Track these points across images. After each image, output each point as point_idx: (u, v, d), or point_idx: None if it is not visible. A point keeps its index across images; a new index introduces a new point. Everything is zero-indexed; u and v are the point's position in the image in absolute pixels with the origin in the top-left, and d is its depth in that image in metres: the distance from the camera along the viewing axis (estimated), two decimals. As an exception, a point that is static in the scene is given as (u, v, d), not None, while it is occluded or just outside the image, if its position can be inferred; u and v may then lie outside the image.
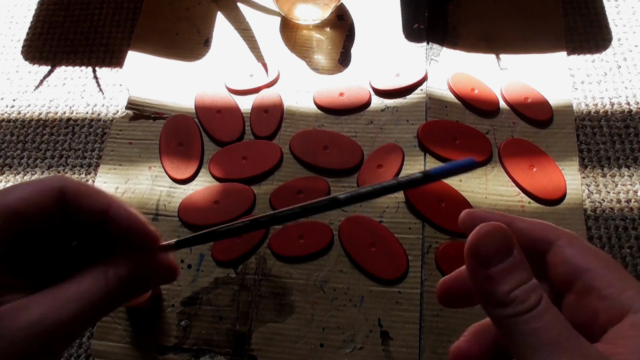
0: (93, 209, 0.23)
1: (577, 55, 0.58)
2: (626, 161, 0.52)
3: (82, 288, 0.22)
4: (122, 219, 0.23)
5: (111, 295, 0.22)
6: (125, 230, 0.23)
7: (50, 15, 0.64)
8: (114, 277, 0.23)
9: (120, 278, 0.23)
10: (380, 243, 0.49)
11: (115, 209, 0.23)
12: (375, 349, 0.45)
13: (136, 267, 0.24)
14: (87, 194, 0.23)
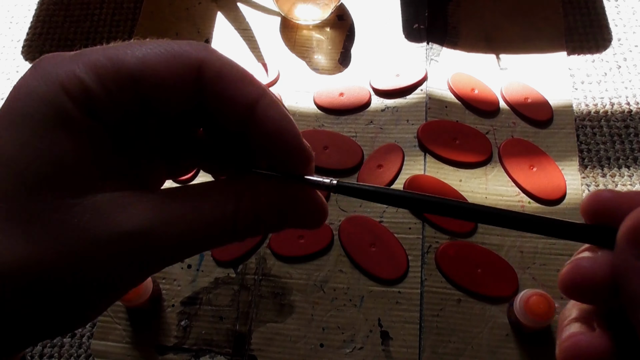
0: (237, 101, 0.18)
1: (577, 55, 0.58)
2: (626, 161, 0.52)
3: (205, 208, 0.17)
4: (272, 122, 0.18)
5: (238, 228, 0.18)
6: (272, 138, 0.18)
7: (50, 15, 0.64)
8: (249, 206, 0.18)
9: (257, 209, 0.18)
10: (380, 243, 0.49)
11: (265, 106, 0.18)
12: (375, 349, 0.45)
13: (281, 199, 0.19)
14: (232, 77, 0.18)
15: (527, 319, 0.42)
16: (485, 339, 0.45)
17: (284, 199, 0.19)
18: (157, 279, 0.48)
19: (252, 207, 0.18)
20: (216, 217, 0.18)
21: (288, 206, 0.19)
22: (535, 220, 0.19)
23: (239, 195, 0.18)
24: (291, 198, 0.19)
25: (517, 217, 0.20)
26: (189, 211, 0.17)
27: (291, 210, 0.19)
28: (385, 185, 0.51)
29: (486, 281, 0.47)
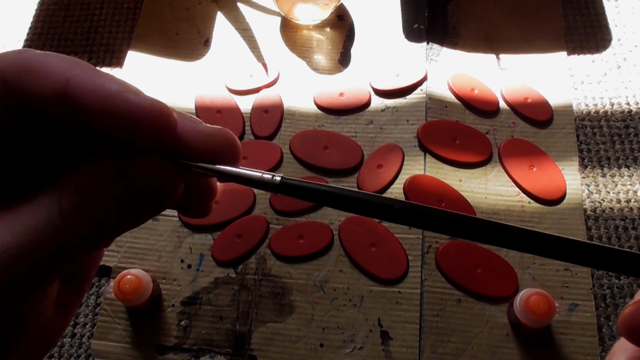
0: (44, 91, 0.15)
1: (577, 55, 0.58)
2: (626, 161, 0.52)
3: (26, 217, 0.15)
4: (86, 97, 0.15)
5: (70, 230, 0.15)
6: (92, 111, 0.15)
7: (50, 15, 0.64)
8: (70, 201, 0.15)
9: (78, 204, 0.15)
10: (380, 243, 0.49)
11: (77, 84, 0.15)
12: (375, 349, 0.45)
13: (106, 184, 0.15)
14: (33, 70, 0.15)
15: (527, 319, 0.42)
16: (485, 339, 0.45)
17: (115, 184, 0.16)
18: (157, 279, 0.48)
19: (79, 203, 0.15)
20: (39, 223, 0.15)
21: (126, 192, 0.16)
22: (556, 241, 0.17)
23: (61, 193, 0.15)
24: (120, 175, 0.16)
25: (518, 233, 0.17)
26: (13, 223, 0.15)
27: (129, 197, 0.16)
28: (385, 185, 0.51)
29: (486, 281, 0.47)
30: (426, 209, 0.17)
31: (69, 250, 0.15)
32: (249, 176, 0.18)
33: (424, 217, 0.17)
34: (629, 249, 0.48)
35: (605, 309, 0.46)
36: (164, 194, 0.16)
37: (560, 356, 0.44)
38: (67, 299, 0.19)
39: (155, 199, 0.16)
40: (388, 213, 0.17)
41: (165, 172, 0.16)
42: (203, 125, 0.17)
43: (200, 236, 0.50)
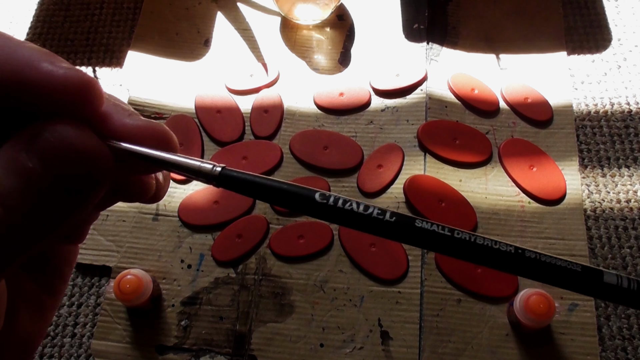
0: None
1: (577, 55, 0.58)
2: (626, 161, 0.52)
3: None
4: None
5: None
6: (6, 88, 0.13)
7: (50, 15, 0.64)
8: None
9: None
10: (380, 243, 0.49)
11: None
12: (375, 349, 0.45)
13: (15, 165, 0.13)
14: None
15: (527, 319, 0.42)
16: (485, 339, 0.45)
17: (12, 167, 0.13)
18: (157, 279, 0.48)
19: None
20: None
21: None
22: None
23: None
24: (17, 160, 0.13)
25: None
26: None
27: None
28: (385, 185, 0.51)
29: (486, 281, 0.47)
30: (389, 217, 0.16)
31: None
32: (186, 164, 0.16)
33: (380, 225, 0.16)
34: (629, 249, 0.48)
35: (605, 309, 0.46)
36: (92, 173, 0.14)
37: (560, 356, 0.44)
38: (42, 302, 0.18)
39: (81, 182, 0.14)
40: (327, 213, 0.16)
41: (87, 142, 0.14)
42: (136, 115, 0.16)
43: (200, 236, 0.50)
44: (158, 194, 0.18)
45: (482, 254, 0.16)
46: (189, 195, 0.52)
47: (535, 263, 0.16)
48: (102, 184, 0.14)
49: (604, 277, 0.16)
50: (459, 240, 0.16)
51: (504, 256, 0.16)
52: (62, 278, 0.19)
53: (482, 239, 0.16)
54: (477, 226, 0.49)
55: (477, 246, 0.16)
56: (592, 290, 0.16)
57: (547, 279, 0.16)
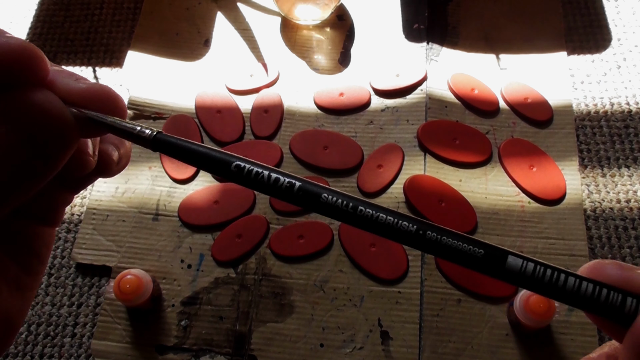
0: None
1: (577, 55, 0.58)
2: (626, 161, 0.52)
3: None
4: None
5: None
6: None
7: (50, 15, 0.64)
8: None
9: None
10: (380, 243, 0.49)
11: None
12: (375, 349, 0.45)
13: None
14: None
15: (527, 319, 0.42)
16: (485, 339, 0.45)
17: None
18: (157, 279, 0.48)
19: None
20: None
21: None
22: None
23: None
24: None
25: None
26: None
27: None
28: (385, 185, 0.51)
29: (486, 281, 0.47)
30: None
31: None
32: (125, 127, 0.17)
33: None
34: (629, 249, 0.49)
35: (605, 309, 0.46)
36: (56, 128, 0.15)
37: (560, 356, 0.44)
38: (21, 281, 0.19)
39: (46, 132, 0.14)
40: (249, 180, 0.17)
41: (51, 105, 0.14)
42: (83, 79, 0.17)
43: (200, 236, 0.50)
44: (116, 168, 0.19)
45: (385, 230, 0.17)
46: (189, 195, 0.52)
47: (435, 244, 0.17)
48: (67, 147, 0.15)
49: (508, 262, 0.16)
50: (362, 217, 0.17)
51: (405, 234, 0.17)
52: (40, 259, 0.20)
53: (385, 216, 0.17)
54: (477, 226, 0.49)
55: (380, 224, 0.17)
56: (497, 275, 0.16)
57: (450, 259, 0.17)
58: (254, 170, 0.17)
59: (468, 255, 0.17)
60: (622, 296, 0.16)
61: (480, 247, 0.17)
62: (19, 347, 0.48)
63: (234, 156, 0.18)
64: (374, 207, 0.17)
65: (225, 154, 0.18)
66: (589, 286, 0.16)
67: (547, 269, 0.16)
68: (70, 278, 0.50)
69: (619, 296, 0.16)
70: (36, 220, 0.20)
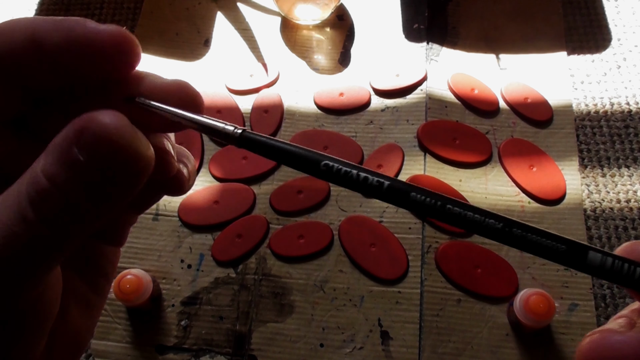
0: (15, 44, 0.15)
1: (577, 55, 0.58)
2: (626, 161, 0.52)
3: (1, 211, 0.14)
4: (51, 34, 0.15)
5: (32, 216, 0.14)
6: (60, 49, 0.15)
7: (50, 15, 0.64)
8: (37, 188, 0.14)
9: (38, 181, 0.14)
10: (380, 243, 0.49)
11: (41, 27, 0.15)
12: (375, 349, 0.45)
13: (66, 160, 0.14)
14: (4, 30, 0.15)
15: (527, 319, 0.42)
16: (485, 339, 0.45)
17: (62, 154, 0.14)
18: (157, 278, 0.48)
19: (46, 188, 0.14)
20: (12, 222, 0.14)
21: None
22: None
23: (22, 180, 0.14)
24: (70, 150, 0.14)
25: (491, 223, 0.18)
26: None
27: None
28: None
29: (486, 281, 0.47)
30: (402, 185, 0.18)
31: (51, 244, 0.14)
32: (210, 125, 0.18)
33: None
34: (629, 249, 0.48)
35: (605, 309, 0.46)
36: (137, 161, 0.14)
37: (560, 356, 0.44)
38: (90, 300, 0.19)
39: (128, 167, 0.14)
40: (350, 181, 0.18)
41: (132, 142, 0.14)
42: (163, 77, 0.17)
43: (200, 236, 0.50)
44: (187, 185, 0.19)
45: (473, 226, 0.18)
46: (189, 195, 0.52)
47: (521, 239, 0.18)
48: (143, 176, 0.15)
49: (588, 257, 0.17)
50: (450, 214, 0.18)
51: (492, 231, 0.18)
52: (107, 278, 0.20)
53: (472, 213, 0.18)
54: (477, 226, 0.49)
55: (468, 220, 0.18)
56: (578, 268, 0.18)
57: (534, 253, 0.18)
58: (342, 169, 0.18)
59: (551, 250, 0.18)
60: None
61: (562, 242, 0.18)
62: (19, 347, 0.48)
63: (321, 154, 0.18)
64: (461, 204, 0.18)
65: (313, 152, 0.18)
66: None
67: (624, 263, 0.17)
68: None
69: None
70: (104, 240, 0.20)
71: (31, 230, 0.14)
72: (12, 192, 0.14)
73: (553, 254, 0.18)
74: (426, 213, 0.18)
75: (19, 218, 0.14)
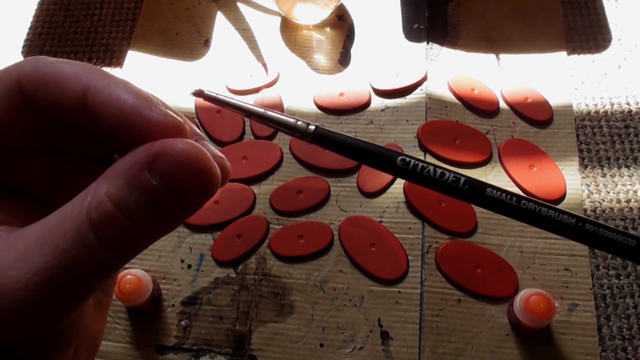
0: (64, 102, 0.15)
1: (577, 55, 0.58)
2: (626, 161, 0.52)
3: (55, 235, 0.14)
4: (104, 109, 0.15)
5: (94, 240, 0.14)
6: (110, 123, 0.15)
7: (50, 15, 0.64)
8: (95, 204, 0.14)
9: (103, 205, 0.14)
10: (380, 243, 0.49)
11: (94, 95, 0.15)
12: (375, 349, 0.45)
13: (132, 179, 0.14)
14: (50, 80, 0.15)
15: (527, 319, 0.42)
16: (485, 339, 0.45)
17: (133, 175, 0.14)
18: (157, 279, 0.48)
19: (112, 212, 0.14)
20: (65, 229, 0.14)
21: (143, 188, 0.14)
22: None
23: (86, 195, 0.14)
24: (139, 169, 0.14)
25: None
26: (37, 235, 0.14)
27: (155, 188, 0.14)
28: (386, 185, 0.51)
29: (486, 281, 0.47)
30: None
31: (107, 266, 0.14)
32: (284, 121, 0.18)
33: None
34: (629, 249, 0.48)
35: (605, 309, 0.46)
36: (205, 183, 0.15)
37: (560, 356, 0.44)
38: (101, 300, 0.19)
39: (194, 189, 0.15)
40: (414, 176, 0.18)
41: (203, 163, 0.15)
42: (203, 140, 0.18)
43: (200, 236, 0.50)
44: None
45: (546, 223, 0.18)
46: (189, 195, 0.52)
47: (592, 235, 0.18)
48: (210, 197, 0.16)
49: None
50: (524, 210, 0.18)
51: (565, 227, 0.18)
52: (113, 279, 0.21)
53: (547, 209, 0.18)
54: (477, 226, 0.49)
55: (541, 217, 0.18)
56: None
57: (605, 249, 0.18)
58: (419, 164, 0.19)
59: (622, 245, 0.18)
60: None
61: (632, 238, 0.18)
62: (19, 347, 0.48)
63: (395, 151, 0.18)
64: (535, 201, 0.18)
65: (388, 149, 0.18)
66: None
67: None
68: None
69: None
70: None
71: (90, 255, 0.14)
72: (67, 216, 0.14)
73: (623, 249, 0.18)
74: (501, 210, 0.18)
75: (78, 242, 0.14)
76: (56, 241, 0.14)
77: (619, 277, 0.47)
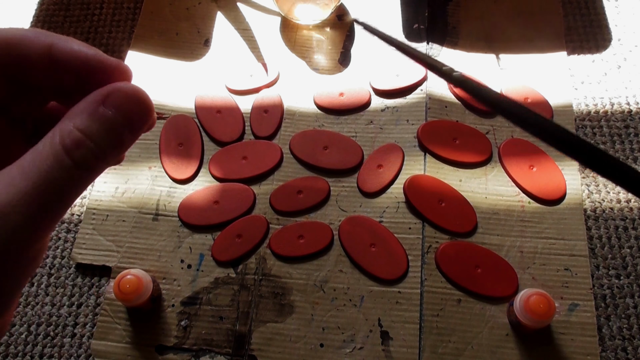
0: (32, 58, 0.19)
1: (577, 55, 0.58)
2: (626, 161, 0.52)
3: (28, 159, 0.17)
4: (69, 59, 0.19)
5: (69, 161, 0.17)
6: (75, 70, 0.19)
7: (50, 15, 0.64)
8: (72, 138, 0.18)
9: (73, 134, 0.18)
10: (380, 243, 0.49)
11: (58, 49, 0.19)
12: (375, 349, 0.45)
13: (96, 112, 0.18)
14: (17, 43, 0.19)
15: (527, 319, 0.42)
16: (485, 339, 0.45)
17: (95, 109, 0.18)
18: (157, 279, 0.48)
19: (79, 136, 0.18)
20: (38, 164, 0.17)
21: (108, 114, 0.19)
22: None
23: (54, 133, 0.18)
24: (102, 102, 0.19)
25: None
26: (15, 172, 0.17)
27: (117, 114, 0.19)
28: (386, 185, 0.51)
29: (486, 281, 0.47)
30: None
31: (80, 183, 0.18)
32: (428, 59, 0.20)
33: None
34: (629, 249, 0.48)
35: (605, 309, 0.46)
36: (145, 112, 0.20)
37: (560, 356, 0.44)
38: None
39: (138, 115, 0.19)
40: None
41: (143, 95, 0.19)
42: None
43: (200, 236, 0.50)
44: None
45: None
46: (189, 195, 0.52)
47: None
48: (149, 122, 0.20)
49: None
50: None
51: None
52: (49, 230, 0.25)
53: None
54: (477, 226, 0.49)
55: None
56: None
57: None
58: None
59: None
60: None
61: None
62: (18, 347, 0.48)
63: (534, 113, 0.19)
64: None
65: (531, 111, 0.19)
66: None
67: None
68: (70, 278, 0.50)
69: None
70: None
71: (67, 173, 0.17)
72: (45, 148, 0.17)
73: None
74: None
75: (57, 164, 0.17)
76: (38, 167, 0.17)
77: (619, 277, 0.47)
